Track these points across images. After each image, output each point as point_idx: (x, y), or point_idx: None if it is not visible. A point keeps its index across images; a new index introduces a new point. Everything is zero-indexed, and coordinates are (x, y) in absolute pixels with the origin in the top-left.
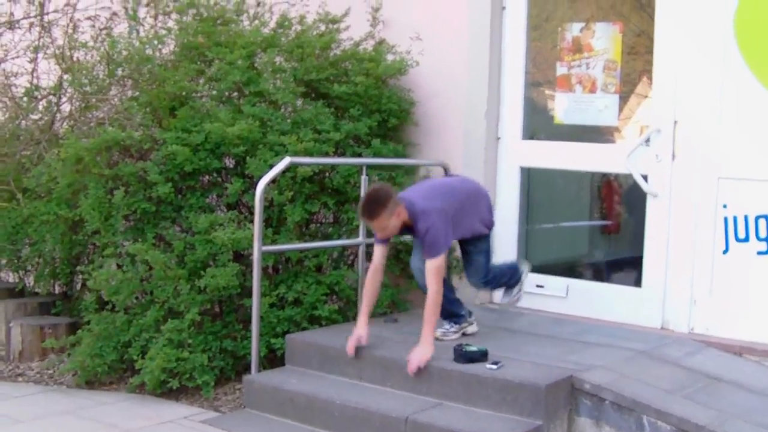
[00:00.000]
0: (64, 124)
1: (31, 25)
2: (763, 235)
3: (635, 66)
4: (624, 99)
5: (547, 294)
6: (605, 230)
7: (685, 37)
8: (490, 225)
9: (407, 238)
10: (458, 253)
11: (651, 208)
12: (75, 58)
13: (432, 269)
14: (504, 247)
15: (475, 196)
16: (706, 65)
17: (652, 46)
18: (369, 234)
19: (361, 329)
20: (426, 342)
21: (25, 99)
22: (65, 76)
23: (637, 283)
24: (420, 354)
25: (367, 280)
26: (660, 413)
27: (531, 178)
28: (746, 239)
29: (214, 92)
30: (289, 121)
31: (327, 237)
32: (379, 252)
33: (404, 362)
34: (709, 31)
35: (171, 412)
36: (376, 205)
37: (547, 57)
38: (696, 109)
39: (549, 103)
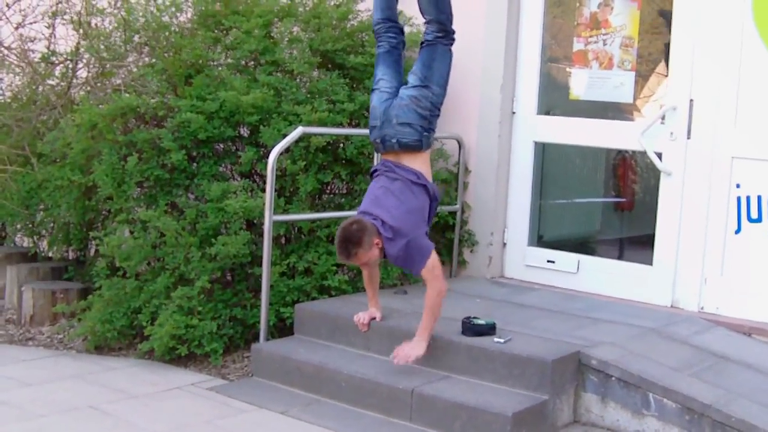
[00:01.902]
0: (81, 90)
1: None
2: None
3: (653, 44)
4: (641, 76)
5: (558, 269)
6: (618, 207)
7: (703, 16)
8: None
9: None
10: None
11: (664, 186)
12: (93, 24)
13: (430, 274)
14: (516, 221)
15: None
16: (724, 44)
17: (670, 24)
18: None
19: (374, 310)
20: (422, 339)
21: (42, 64)
22: (82, 42)
23: (649, 261)
24: (411, 350)
25: (365, 277)
26: (666, 391)
27: (545, 154)
28: (759, 219)
29: (230, 61)
30: (303, 90)
31: (339, 207)
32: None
33: (412, 333)
34: (726, 9)
35: (179, 379)
36: (351, 245)
37: (565, 32)
38: (712, 88)
39: (565, 78)
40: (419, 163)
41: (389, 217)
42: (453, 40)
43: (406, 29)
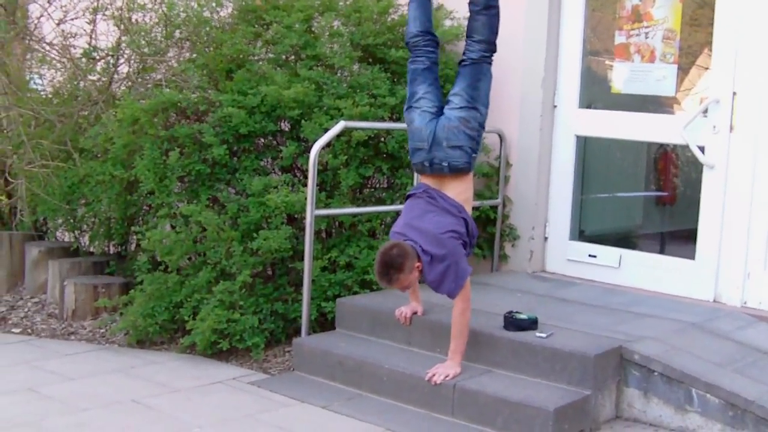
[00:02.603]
0: (122, 85)
1: None
2: None
3: (696, 37)
4: (682, 70)
5: (600, 264)
6: (660, 201)
7: (746, 7)
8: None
9: None
10: None
11: (707, 179)
12: (134, 20)
13: (460, 297)
14: (558, 215)
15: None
16: (767, 37)
17: (713, 17)
18: None
19: (416, 305)
20: (455, 361)
21: (83, 60)
22: (123, 38)
23: (691, 255)
24: (447, 369)
25: None
26: (709, 386)
27: (587, 148)
28: None
29: (271, 55)
30: (345, 85)
31: (380, 202)
32: None
33: None
34: None
35: (220, 373)
36: (393, 270)
37: (606, 25)
38: (756, 80)
39: (607, 72)
40: (464, 186)
41: (427, 242)
42: (493, 58)
43: (447, 23)
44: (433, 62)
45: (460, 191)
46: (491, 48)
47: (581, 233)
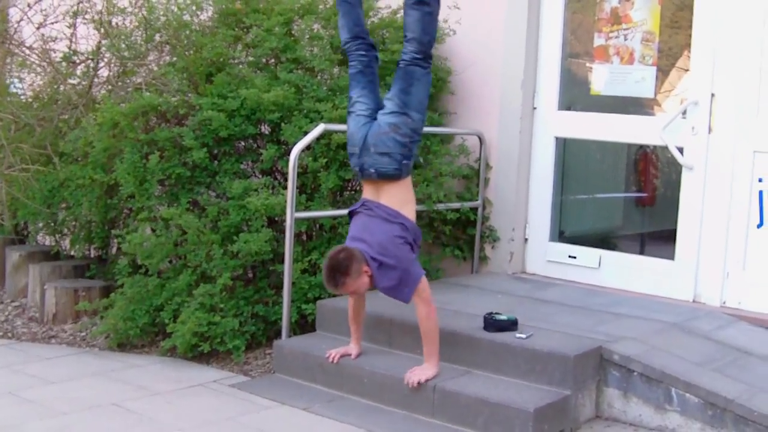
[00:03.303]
0: (102, 89)
1: None
2: None
3: (675, 39)
4: (661, 71)
5: (580, 265)
6: (640, 202)
7: (724, 10)
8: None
9: None
10: None
11: (686, 180)
12: (113, 24)
13: (418, 298)
14: (538, 217)
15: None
16: (745, 39)
17: (692, 19)
18: None
19: (353, 347)
20: (431, 364)
21: (63, 64)
22: (103, 42)
23: (670, 256)
24: (423, 372)
25: (350, 307)
26: (689, 386)
27: (566, 149)
28: None
29: (251, 59)
30: (324, 88)
31: None
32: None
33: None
34: (748, 3)
35: (201, 376)
36: (338, 274)
37: (585, 28)
38: (734, 82)
39: (586, 74)
40: (400, 191)
41: (374, 250)
42: (430, 63)
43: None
44: (366, 65)
45: (396, 195)
46: (424, 50)
47: (561, 234)
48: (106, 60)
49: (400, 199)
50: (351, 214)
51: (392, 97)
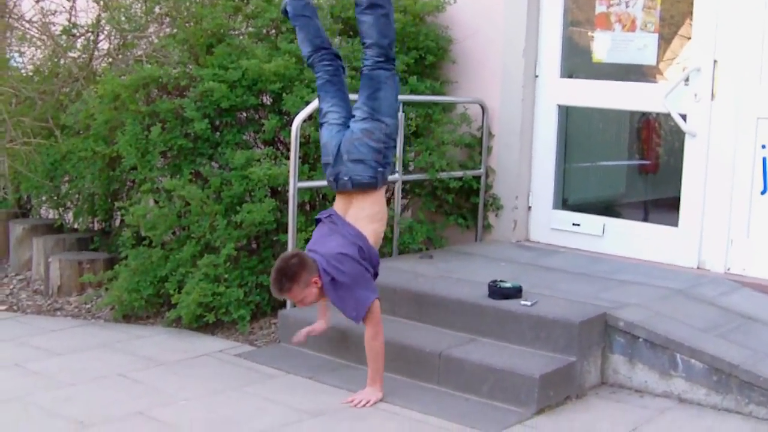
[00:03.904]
0: (102, 61)
1: None
2: None
3: (677, 6)
4: (664, 39)
5: (584, 232)
6: (643, 170)
7: None
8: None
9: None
10: None
11: (689, 147)
12: None
13: (366, 321)
14: (541, 185)
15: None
16: (748, 4)
17: None
18: (406, 170)
19: (320, 323)
20: (375, 386)
21: (63, 37)
22: (103, 14)
23: (674, 222)
24: (368, 395)
25: None
26: (693, 351)
27: (569, 117)
28: None
29: (251, 29)
30: None
31: None
32: None
33: (437, 297)
34: None
35: (206, 346)
36: (285, 279)
37: None
38: (736, 48)
39: (588, 41)
40: (372, 205)
41: (329, 263)
42: (394, 65)
43: None
44: (332, 74)
45: (366, 210)
46: (385, 54)
47: (564, 202)
48: (106, 33)
49: (368, 214)
50: (316, 221)
51: (361, 105)
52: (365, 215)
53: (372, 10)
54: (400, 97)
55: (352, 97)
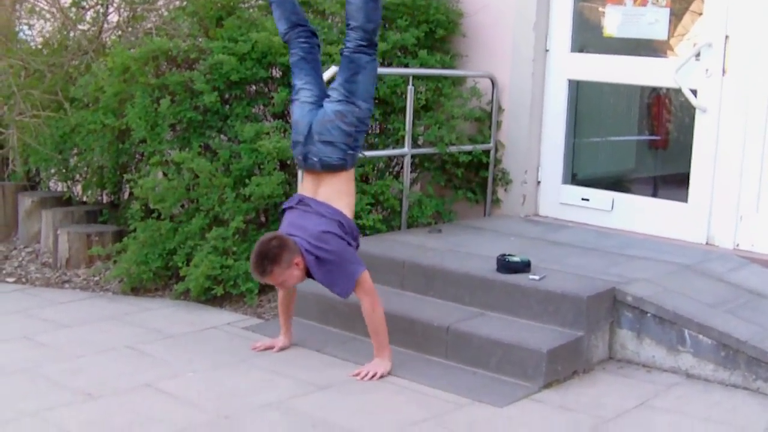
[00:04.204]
0: (112, 34)
1: None
2: None
3: None
4: (675, 14)
5: (593, 207)
6: (653, 145)
7: None
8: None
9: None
10: None
11: (699, 123)
12: None
13: (360, 292)
14: (550, 159)
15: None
16: None
17: None
18: (415, 144)
19: (282, 339)
20: (383, 358)
21: (72, 10)
22: None
23: (684, 198)
24: (376, 367)
25: (280, 297)
26: (702, 327)
27: (579, 92)
28: None
29: (261, 2)
30: (335, 30)
31: (373, 147)
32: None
33: (445, 271)
34: None
35: (214, 319)
36: (267, 261)
37: None
38: (748, 23)
39: (599, 16)
40: (341, 183)
41: (311, 242)
42: (376, 51)
43: None
44: (308, 51)
45: (336, 186)
46: (368, 38)
47: (574, 177)
48: (115, 5)
49: (338, 190)
50: (283, 210)
51: (338, 87)
52: (335, 194)
53: None
54: (411, 70)
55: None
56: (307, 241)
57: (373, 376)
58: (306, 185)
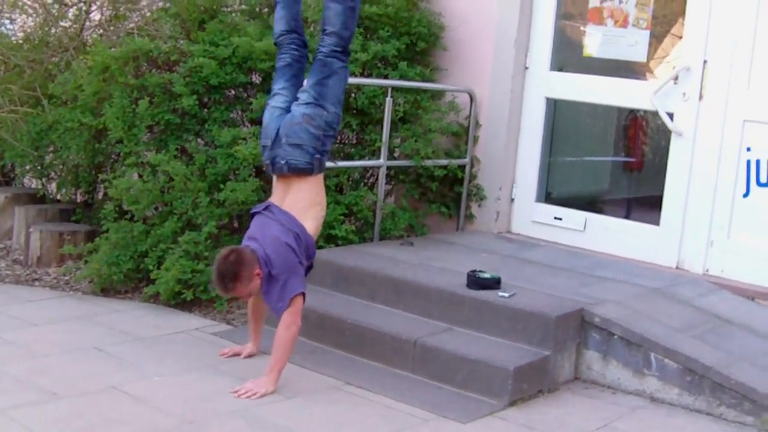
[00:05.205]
0: (93, 32)
1: None
2: None
3: (669, 4)
4: (655, 36)
5: (565, 227)
6: (628, 167)
7: None
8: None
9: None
10: None
11: (675, 146)
12: None
13: (287, 311)
14: (525, 177)
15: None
16: (740, 6)
17: None
18: (391, 156)
19: (250, 346)
20: (271, 378)
21: (55, 6)
22: None
23: (656, 221)
24: (258, 387)
25: (249, 304)
26: (668, 351)
27: (557, 110)
28: (767, 184)
29: (244, 7)
30: (316, 39)
31: (349, 157)
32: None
33: (415, 285)
34: None
35: (183, 323)
36: (227, 280)
37: None
38: (727, 49)
39: (579, 35)
40: (310, 190)
41: (269, 248)
42: (348, 58)
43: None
44: (295, 59)
45: (305, 193)
46: (342, 44)
47: (548, 195)
48: (98, 3)
49: (307, 199)
50: (252, 215)
51: (308, 89)
52: (303, 201)
53: (342, 0)
54: (390, 81)
55: None
56: (263, 248)
57: (252, 395)
58: (276, 192)
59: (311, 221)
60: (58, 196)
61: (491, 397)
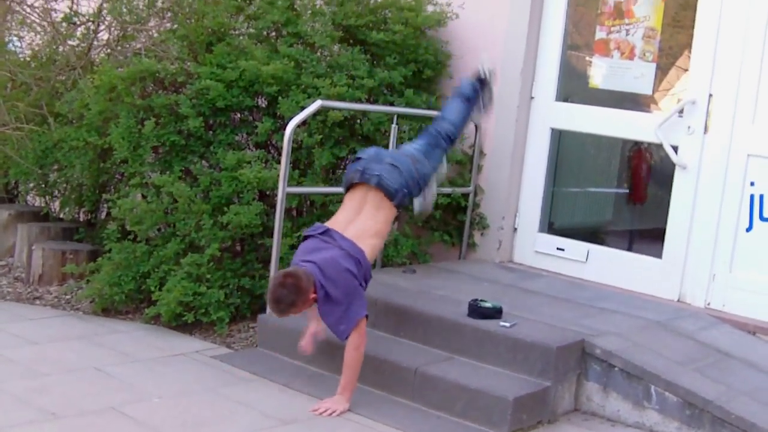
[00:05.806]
0: (101, 52)
1: None
2: None
3: (677, 38)
4: (661, 69)
5: (567, 257)
6: (631, 199)
7: (726, 11)
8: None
9: None
10: None
11: (678, 179)
12: None
13: (355, 332)
14: (528, 207)
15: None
16: (747, 40)
17: (695, 18)
18: None
19: (313, 324)
20: (344, 397)
21: (63, 24)
22: (105, 4)
23: (658, 254)
24: (334, 405)
25: None
26: (668, 384)
27: (561, 141)
28: None
29: (252, 30)
30: (324, 64)
31: None
32: None
33: (417, 313)
34: (751, 5)
35: (183, 345)
36: (283, 305)
37: (588, 21)
38: (732, 84)
39: (585, 66)
40: (381, 217)
41: (325, 275)
42: (451, 148)
43: (429, 7)
44: (435, 136)
45: (375, 219)
46: (454, 133)
47: (551, 226)
48: (106, 23)
49: (373, 228)
50: (304, 237)
51: (420, 145)
52: (371, 230)
53: (467, 102)
54: (395, 108)
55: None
56: (322, 271)
57: (332, 413)
58: (342, 214)
59: (369, 248)
60: (62, 215)
61: (490, 427)
